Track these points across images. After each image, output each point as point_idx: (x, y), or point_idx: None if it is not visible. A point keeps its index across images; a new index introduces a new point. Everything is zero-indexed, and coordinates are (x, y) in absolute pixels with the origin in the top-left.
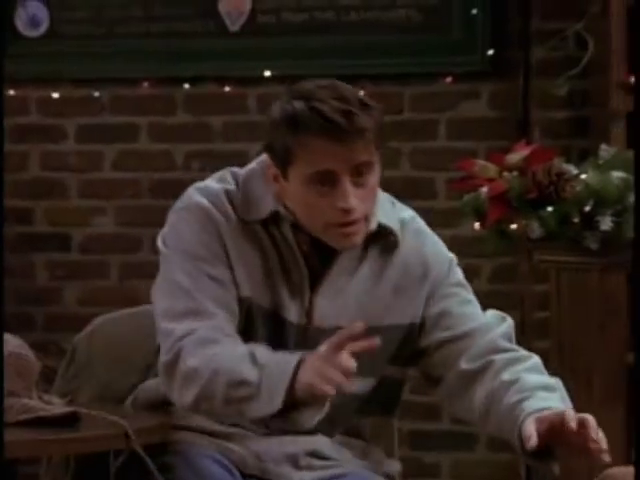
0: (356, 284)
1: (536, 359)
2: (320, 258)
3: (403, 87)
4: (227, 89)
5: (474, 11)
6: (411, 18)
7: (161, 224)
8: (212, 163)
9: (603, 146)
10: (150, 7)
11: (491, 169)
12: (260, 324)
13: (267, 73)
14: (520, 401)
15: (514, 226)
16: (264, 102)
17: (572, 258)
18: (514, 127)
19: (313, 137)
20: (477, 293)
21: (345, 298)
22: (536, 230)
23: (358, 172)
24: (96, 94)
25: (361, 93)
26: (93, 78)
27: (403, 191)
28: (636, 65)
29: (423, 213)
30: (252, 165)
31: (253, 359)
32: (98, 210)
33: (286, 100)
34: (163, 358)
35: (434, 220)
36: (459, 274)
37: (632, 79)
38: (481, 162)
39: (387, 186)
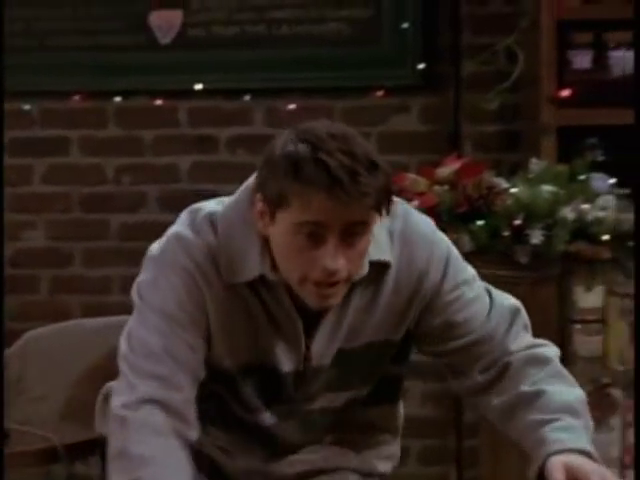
0: (350, 314)
1: (555, 360)
2: None
3: (334, 101)
4: (158, 102)
5: (405, 25)
6: (342, 32)
7: (91, 238)
8: (143, 177)
9: (533, 160)
10: (81, 20)
11: (421, 183)
12: (249, 383)
13: (198, 86)
14: (544, 423)
15: None
16: (195, 115)
17: (502, 272)
18: (445, 141)
19: (313, 190)
20: None
21: (340, 330)
22: (466, 244)
23: (351, 231)
24: (26, 107)
25: (371, 149)
26: (23, 91)
27: None
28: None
29: None
30: (228, 209)
31: None
32: (28, 224)
33: (291, 140)
34: (117, 409)
35: None
36: (457, 270)
37: (564, 93)
38: (412, 176)
39: None
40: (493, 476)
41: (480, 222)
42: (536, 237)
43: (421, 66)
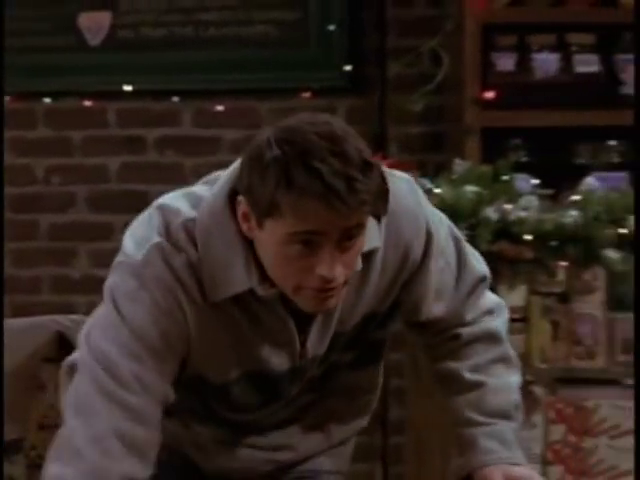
0: (347, 302)
1: (504, 340)
2: None
3: (262, 102)
4: (87, 103)
5: (331, 27)
6: (269, 34)
7: (21, 238)
8: (72, 177)
9: (457, 160)
10: (10, 21)
11: None
12: (241, 389)
13: (127, 88)
14: (478, 424)
15: None
16: (124, 116)
17: None
18: (371, 142)
19: (307, 200)
20: None
21: (332, 320)
22: None
23: (348, 235)
24: None
25: (361, 144)
26: None
27: None
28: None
29: None
30: (205, 216)
31: None
32: None
33: (276, 141)
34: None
35: None
36: (438, 241)
37: (488, 94)
38: None
39: None
40: (417, 473)
41: None
42: None
43: (347, 68)
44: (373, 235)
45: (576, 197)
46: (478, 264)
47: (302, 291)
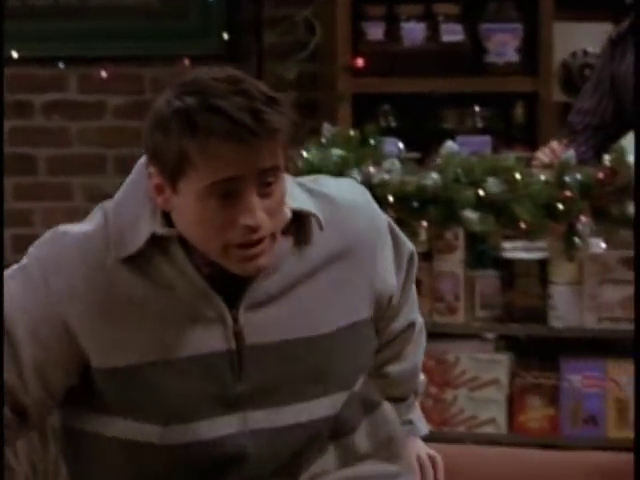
0: (286, 283)
1: (416, 328)
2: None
3: (144, 69)
4: None
5: None
6: (150, 4)
7: None
8: None
9: (325, 125)
10: None
11: None
12: (169, 380)
13: (14, 54)
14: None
15: None
16: (11, 82)
17: None
18: None
19: (216, 141)
20: None
21: (277, 303)
22: None
23: (265, 179)
24: None
25: (263, 85)
26: None
27: None
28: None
29: None
30: (121, 192)
31: None
32: None
33: (174, 95)
34: None
35: None
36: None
37: (358, 62)
38: None
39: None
40: None
41: None
42: None
43: (225, 37)
44: (299, 197)
45: (438, 160)
46: (406, 243)
47: (229, 250)
